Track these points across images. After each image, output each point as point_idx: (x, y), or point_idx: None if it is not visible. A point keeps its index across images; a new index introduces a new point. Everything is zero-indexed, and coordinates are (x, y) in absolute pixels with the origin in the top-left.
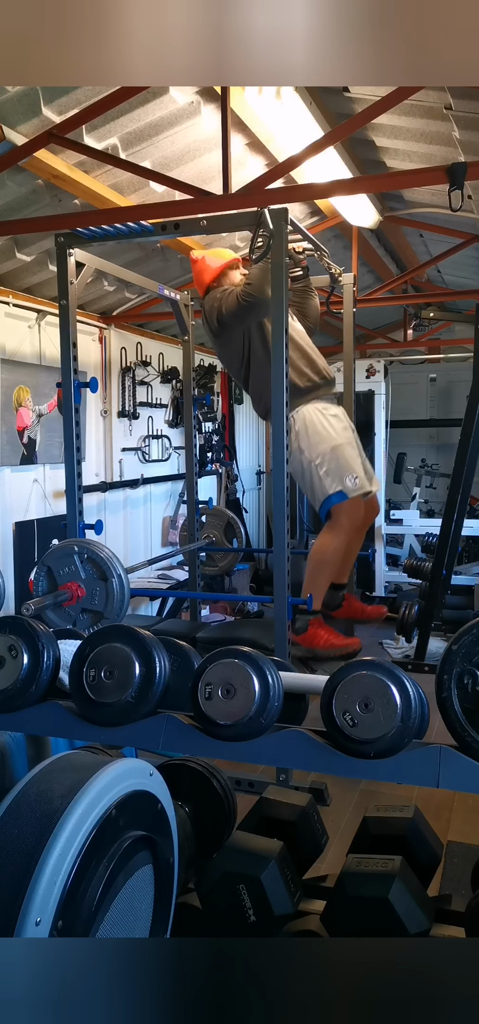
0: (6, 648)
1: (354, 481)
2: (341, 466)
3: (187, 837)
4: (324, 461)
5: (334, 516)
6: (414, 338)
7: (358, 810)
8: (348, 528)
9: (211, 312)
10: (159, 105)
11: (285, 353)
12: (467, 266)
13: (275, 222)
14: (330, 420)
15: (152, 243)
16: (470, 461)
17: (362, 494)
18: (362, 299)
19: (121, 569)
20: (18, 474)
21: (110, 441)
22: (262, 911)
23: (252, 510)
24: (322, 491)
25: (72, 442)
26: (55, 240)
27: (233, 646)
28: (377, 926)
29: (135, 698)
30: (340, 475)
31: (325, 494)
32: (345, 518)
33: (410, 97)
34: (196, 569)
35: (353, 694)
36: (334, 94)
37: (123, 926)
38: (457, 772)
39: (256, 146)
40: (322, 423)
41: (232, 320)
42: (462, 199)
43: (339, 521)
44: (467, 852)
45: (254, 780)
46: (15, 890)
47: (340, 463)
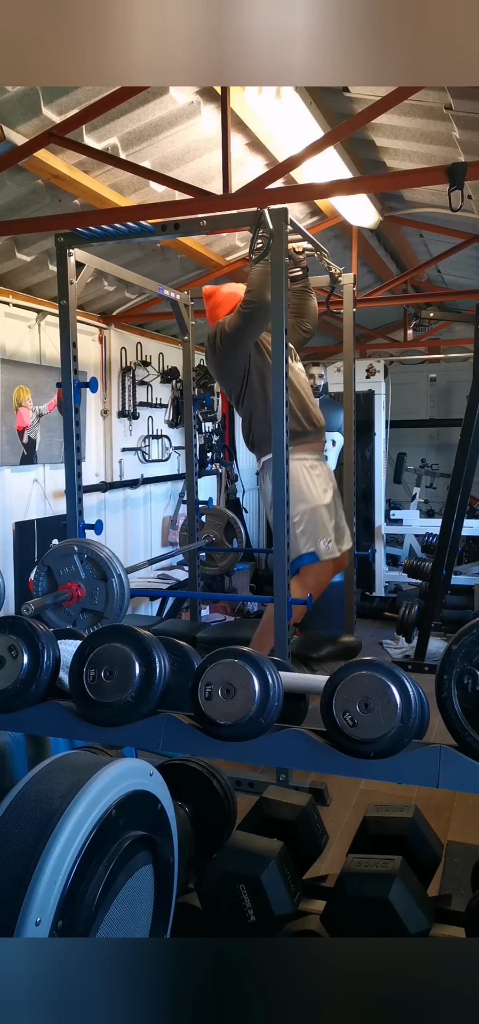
0: (6, 648)
1: (327, 545)
2: (317, 528)
3: (187, 837)
4: (302, 520)
5: (302, 574)
6: (414, 338)
7: (358, 810)
8: (312, 588)
9: (214, 334)
10: (159, 105)
11: (285, 353)
12: (467, 266)
13: (275, 222)
14: (314, 479)
15: (152, 243)
16: (470, 461)
17: (332, 558)
18: (362, 299)
19: (121, 569)
20: (18, 474)
21: (110, 441)
22: (262, 911)
23: (252, 510)
24: (295, 548)
25: (72, 442)
26: (55, 240)
27: (233, 646)
28: (377, 926)
29: (135, 698)
30: (315, 537)
31: (298, 552)
32: (311, 579)
33: (410, 97)
34: (196, 569)
35: (353, 694)
36: (334, 94)
37: (123, 926)
38: (457, 772)
39: (256, 146)
40: (305, 481)
41: (236, 334)
42: (462, 199)
43: (304, 580)
44: (467, 852)
45: (254, 780)
46: (15, 890)
47: (316, 525)
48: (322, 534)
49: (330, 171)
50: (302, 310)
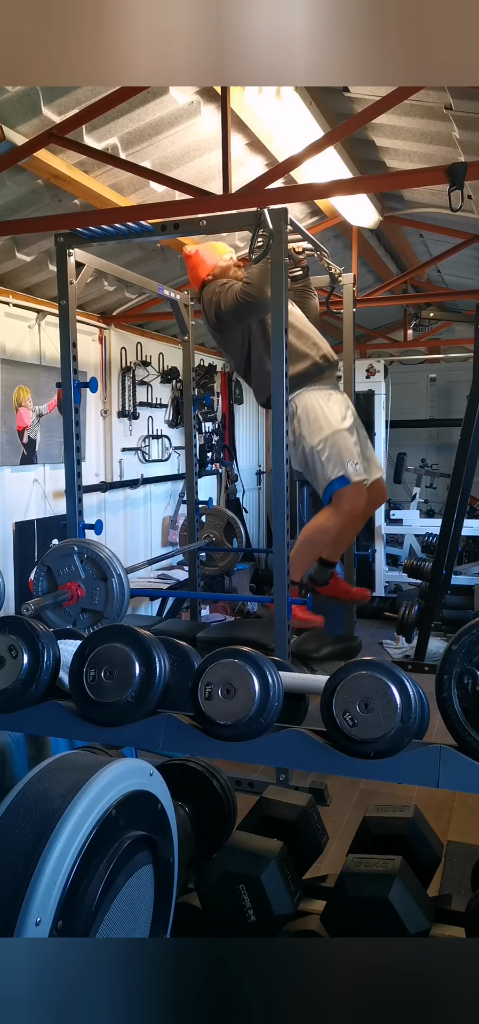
0: (6, 648)
1: (355, 467)
2: (341, 451)
3: (187, 837)
4: (325, 447)
5: (335, 500)
6: (414, 338)
7: (358, 810)
8: (347, 512)
9: (209, 306)
10: (159, 105)
11: (285, 353)
12: (467, 266)
13: (275, 222)
14: (330, 407)
15: (152, 243)
16: (470, 461)
17: (364, 480)
18: (362, 299)
19: (121, 569)
20: (18, 474)
21: (110, 441)
22: (262, 911)
23: (252, 510)
24: (324, 476)
25: (72, 442)
26: (55, 240)
27: (233, 646)
28: (377, 926)
29: (135, 698)
30: (341, 460)
31: (327, 479)
32: (346, 503)
33: (410, 97)
34: (196, 569)
35: (353, 694)
36: (334, 94)
37: (123, 926)
38: (457, 772)
39: (256, 146)
40: (322, 409)
41: (230, 318)
42: (462, 199)
43: (339, 506)
44: (467, 852)
45: (254, 780)
46: (15, 890)
47: (340, 449)
48: (348, 457)
49: (330, 171)
50: (303, 309)
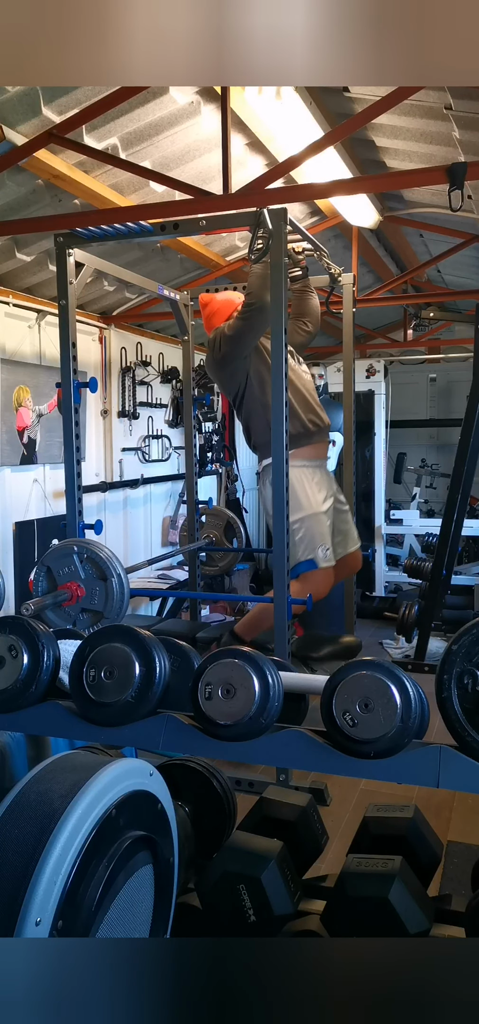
0: (6, 648)
1: (325, 553)
2: (314, 536)
3: (187, 837)
4: (301, 527)
5: (302, 580)
6: (414, 338)
7: (358, 810)
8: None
9: (215, 340)
10: (159, 105)
11: (284, 352)
12: (467, 266)
13: (274, 222)
14: (313, 487)
15: (152, 243)
16: (470, 461)
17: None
18: (362, 299)
19: (121, 569)
20: (18, 474)
21: (110, 441)
22: (262, 911)
23: (252, 510)
24: (294, 555)
25: (72, 442)
26: (55, 240)
27: (233, 646)
28: (377, 926)
29: (135, 698)
30: (313, 545)
31: (296, 559)
32: (311, 586)
33: (410, 97)
34: (196, 569)
35: (353, 694)
36: (334, 94)
37: (123, 926)
38: (457, 772)
39: (256, 146)
40: (303, 488)
41: (236, 337)
42: (462, 199)
43: (304, 586)
44: (467, 852)
45: (254, 780)
46: (15, 890)
47: (314, 534)
48: (320, 542)
49: (330, 171)
50: (303, 310)
